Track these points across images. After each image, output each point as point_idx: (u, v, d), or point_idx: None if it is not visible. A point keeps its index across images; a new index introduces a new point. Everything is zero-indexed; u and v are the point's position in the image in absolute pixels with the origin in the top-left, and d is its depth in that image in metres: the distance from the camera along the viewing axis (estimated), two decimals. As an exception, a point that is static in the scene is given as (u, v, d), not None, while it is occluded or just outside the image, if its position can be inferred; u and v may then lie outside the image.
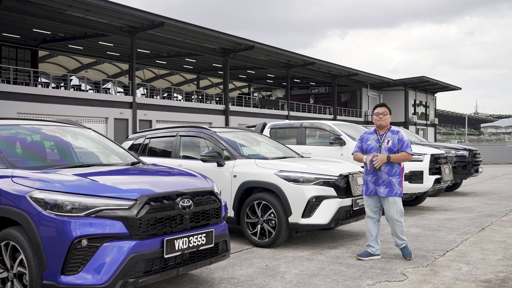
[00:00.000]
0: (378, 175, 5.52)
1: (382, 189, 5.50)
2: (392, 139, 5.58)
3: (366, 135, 5.82)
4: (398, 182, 5.50)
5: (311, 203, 6.14)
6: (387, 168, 5.49)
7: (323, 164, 6.82)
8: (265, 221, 6.39)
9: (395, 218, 5.55)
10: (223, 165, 6.84)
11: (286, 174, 6.30)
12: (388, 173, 5.49)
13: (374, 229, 5.66)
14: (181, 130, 7.76)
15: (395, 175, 5.50)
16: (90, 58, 42.69)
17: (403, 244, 5.65)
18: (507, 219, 8.38)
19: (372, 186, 5.58)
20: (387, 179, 5.48)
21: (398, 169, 5.54)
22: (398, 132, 5.65)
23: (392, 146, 5.54)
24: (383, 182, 5.49)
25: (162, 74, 53.11)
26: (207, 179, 4.57)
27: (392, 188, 5.48)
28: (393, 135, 5.62)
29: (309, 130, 10.46)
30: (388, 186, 5.48)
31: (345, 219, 6.37)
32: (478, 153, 12.77)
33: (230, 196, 6.70)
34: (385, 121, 5.65)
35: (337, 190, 6.25)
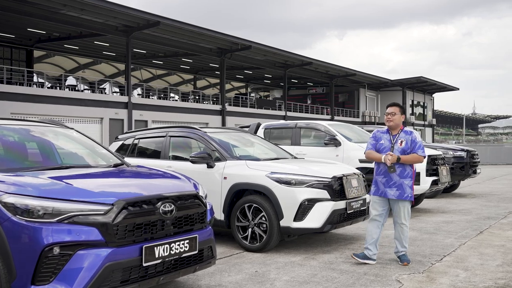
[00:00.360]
0: (390, 177, 5.33)
1: (392, 191, 5.32)
2: (406, 140, 5.38)
3: (379, 133, 5.59)
4: (410, 185, 5.34)
5: (303, 206, 5.91)
6: (399, 169, 5.31)
7: (316, 166, 6.60)
8: (256, 225, 6.17)
9: (402, 222, 5.39)
10: (213, 167, 6.62)
11: (277, 176, 6.08)
12: (400, 175, 5.30)
13: (376, 232, 5.48)
14: (171, 131, 7.54)
15: (407, 177, 5.32)
16: (87, 58, 42.51)
17: (404, 252, 5.47)
18: (506, 222, 8.17)
19: (382, 187, 5.40)
20: (399, 181, 5.30)
21: (410, 171, 5.36)
22: (411, 133, 5.46)
23: (405, 147, 5.35)
24: (394, 184, 5.31)
25: (159, 74, 52.92)
26: (191, 182, 4.35)
27: (404, 191, 5.30)
28: (406, 136, 5.42)
29: (304, 130, 10.24)
30: (399, 188, 5.30)
31: (339, 222, 6.14)
32: (476, 154, 12.57)
33: (220, 199, 6.48)
34: (394, 122, 5.44)
35: (331, 193, 6.03)
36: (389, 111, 5.49)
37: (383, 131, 5.63)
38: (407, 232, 5.46)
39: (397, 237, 5.50)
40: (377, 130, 5.74)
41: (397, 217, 5.43)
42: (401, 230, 5.43)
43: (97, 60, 43.48)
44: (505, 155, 31.28)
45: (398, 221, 5.44)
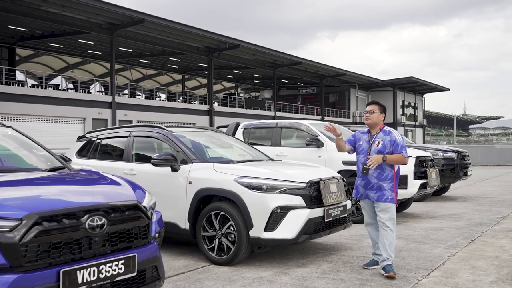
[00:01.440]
0: (368, 179, 5.11)
1: (372, 194, 5.09)
2: (383, 140, 5.07)
3: (359, 134, 5.34)
4: (390, 187, 5.02)
5: (275, 214, 5.28)
6: (377, 172, 5.04)
7: (291, 169, 5.98)
8: (224, 235, 5.53)
9: (385, 224, 5.03)
10: (178, 170, 5.97)
11: (247, 180, 5.44)
12: (377, 178, 5.05)
13: (376, 235, 5.21)
14: (135, 130, 6.88)
15: (386, 179, 5.03)
16: (76, 58, 41.75)
17: (387, 260, 4.97)
18: (499, 229, 7.59)
19: (362, 190, 5.20)
20: (377, 184, 5.05)
21: (390, 173, 5.04)
22: (390, 133, 5.12)
23: (382, 148, 5.05)
24: (372, 187, 5.08)
25: (150, 74, 52.18)
26: (135, 189, 3.69)
27: (383, 193, 5.01)
28: (384, 136, 5.11)
29: (285, 130, 9.62)
30: (378, 191, 5.04)
31: (316, 232, 5.51)
32: (467, 155, 12.01)
33: (185, 205, 5.84)
34: (372, 120, 5.14)
35: (306, 199, 5.40)
36: (367, 109, 5.22)
37: (364, 132, 5.34)
38: (391, 237, 5.02)
39: (380, 240, 5.09)
40: (358, 131, 5.45)
41: (380, 220, 5.08)
42: (385, 234, 5.01)
43: (86, 60, 42.67)
44: (496, 156, 30.86)
45: (380, 224, 5.08)
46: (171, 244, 6.66)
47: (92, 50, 36.40)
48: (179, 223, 5.90)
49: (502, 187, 14.92)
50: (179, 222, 5.90)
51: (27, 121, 25.00)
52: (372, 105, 5.22)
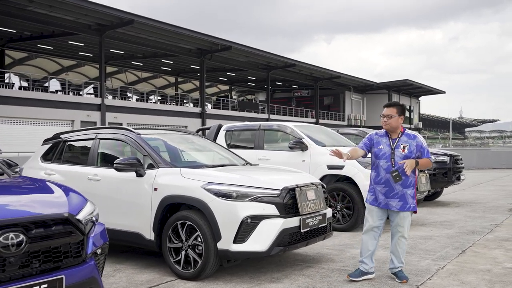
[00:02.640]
0: (391, 186, 4.75)
1: (395, 203, 4.76)
2: (409, 145, 4.77)
3: (377, 137, 4.96)
4: (413, 194, 4.78)
5: (245, 225, 4.81)
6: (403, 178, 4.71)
7: (265, 175, 5.51)
8: (190, 247, 5.05)
9: (402, 235, 4.84)
10: (143, 175, 5.50)
11: (215, 187, 4.97)
12: (402, 185, 4.74)
13: (372, 244, 4.93)
14: (101, 132, 6.39)
15: (410, 186, 4.77)
16: (70, 60, 41.31)
17: (400, 268, 4.90)
18: (492, 238, 7.13)
19: (382, 198, 4.82)
20: (401, 191, 4.74)
21: (413, 179, 4.81)
22: (415, 137, 4.84)
23: (408, 153, 4.74)
24: (396, 195, 4.75)
25: (145, 77, 51.78)
26: (71, 198, 3.22)
27: (406, 202, 4.76)
28: (409, 140, 4.80)
29: (268, 133, 9.14)
30: (401, 199, 4.75)
31: (291, 244, 5.04)
32: (460, 159, 11.56)
33: (150, 214, 5.36)
34: (390, 125, 4.79)
35: (280, 208, 4.94)
36: (385, 113, 4.83)
37: (381, 134, 4.96)
38: (405, 246, 4.92)
39: (393, 251, 4.92)
40: (375, 133, 5.03)
41: (396, 229, 4.85)
42: (399, 244, 4.87)
43: (80, 63, 42.20)
44: (491, 159, 30.42)
45: (398, 234, 4.86)
46: (139, 254, 6.18)
47: (83, 52, 35.94)
48: (144, 233, 5.42)
49: (497, 191, 14.48)
50: (144, 232, 5.42)
51: (13, 124, 24.48)
52: (390, 108, 4.81)
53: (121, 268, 5.60)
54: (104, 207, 5.82)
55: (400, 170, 4.66)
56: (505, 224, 8.39)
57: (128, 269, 5.56)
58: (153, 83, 52.85)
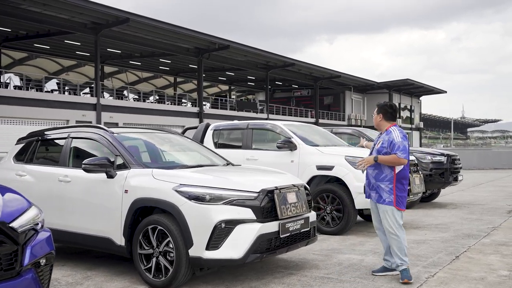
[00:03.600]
0: (369, 179, 5.10)
1: (373, 194, 5.05)
2: (383, 140, 5.03)
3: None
4: (389, 189, 4.88)
5: (219, 230, 4.46)
6: (375, 172, 5.00)
7: (243, 176, 5.18)
8: (162, 253, 4.71)
9: (387, 230, 4.93)
10: (114, 177, 5.16)
11: (187, 189, 4.63)
12: (375, 178, 4.99)
13: (385, 239, 5.08)
14: (74, 131, 6.05)
15: (384, 180, 4.91)
16: (71, 60, 41.03)
17: (403, 265, 4.82)
18: (488, 242, 6.76)
19: (368, 190, 5.15)
20: (375, 184, 4.99)
21: (389, 174, 4.91)
22: (390, 133, 5.03)
23: (380, 148, 5.01)
24: (372, 187, 5.05)
25: (145, 77, 51.49)
26: (8, 203, 2.87)
27: (381, 195, 4.93)
28: (386, 136, 5.05)
29: (257, 132, 8.79)
30: (377, 191, 4.98)
31: (269, 250, 4.69)
32: (458, 159, 11.19)
33: (121, 218, 5.02)
34: (374, 123, 5.20)
35: (257, 211, 4.59)
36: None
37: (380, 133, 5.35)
38: (399, 242, 4.87)
39: (390, 246, 4.98)
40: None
41: (383, 223, 4.99)
42: (390, 240, 4.92)
43: (80, 63, 41.91)
44: (493, 160, 30.01)
45: (385, 229, 4.98)
46: (115, 260, 5.84)
47: (80, 51, 35.63)
48: (114, 238, 5.08)
49: (497, 192, 14.11)
50: (114, 237, 5.08)
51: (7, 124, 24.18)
52: (375, 109, 5.23)
53: (92, 275, 5.26)
54: (74, 211, 5.51)
55: None
56: (502, 227, 8.02)
57: (99, 276, 5.22)
58: (154, 83, 52.57)
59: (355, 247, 6.51)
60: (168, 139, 6.42)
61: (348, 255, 6.02)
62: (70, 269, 5.53)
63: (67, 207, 5.54)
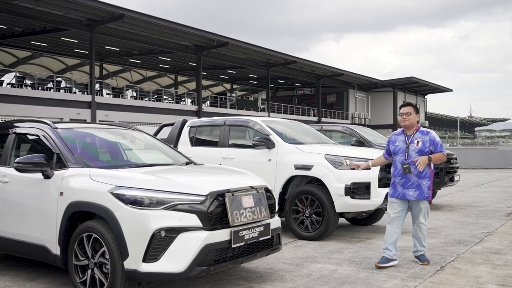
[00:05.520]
0: (407, 178, 5.25)
1: (411, 192, 5.24)
2: (422, 140, 5.27)
3: (394, 136, 5.56)
4: (428, 185, 5.25)
5: (157, 239, 3.88)
6: (417, 170, 5.19)
7: (192, 176, 4.58)
8: (97, 265, 4.13)
9: (421, 222, 5.35)
10: (51, 177, 4.58)
11: (124, 192, 4.04)
12: (418, 176, 5.23)
13: (396, 232, 5.32)
14: (17, 126, 5.48)
15: (425, 177, 5.23)
16: (75, 59, 40.74)
17: (422, 251, 5.43)
18: (480, 250, 6.12)
19: (400, 189, 5.30)
20: (417, 182, 5.23)
21: (428, 171, 5.26)
22: (428, 133, 5.35)
23: (422, 147, 5.24)
24: (412, 185, 5.24)
25: (150, 76, 51.08)
26: None
27: (422, 191, 5.23)
28: (423, 136, 5.31)
29: (234, 128, 8.18)
30: (417, 189, 5.23)
31: (218, 262, 4.08)
32: (455, 158, 10.53)
33: (56, 225, 4.44)
34: (409, 121, 5.36)
35: (203, 218, 4.00)
36: (403, 111, 5.42)
37: (398, 133, 5.52)
38: (425, 231, 5.42)
39: (415, 235, 5.42)
40: (393, 134, 5.63)
41: (416, 217, 5.37)
42: (419, 229, 5.39)
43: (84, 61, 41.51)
44: (498, 159, 29.19)
45: (417, 221, 5.37)
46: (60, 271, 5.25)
47: (78, 49, 35.17)
48: (50, 247, 4.51)
49: (498, 193, 13.41)
50: (50, 245, 4.51)
51: (0, 122, 23.75)
52: (408, 107, 5.40)
53: (30, 287, 4.69)
54: (10, 215, 4.94)
55: (411, 164, 5.17)
56: (498, 232, 7.37)
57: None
58: (159, 82, 52.13)
59: (332, 255, 5.90)
60: (124, 135, 5.83)
61: (321, 265, 5.41)
62: (10, 280, 4.96)
63: (4, 210, 4.97)
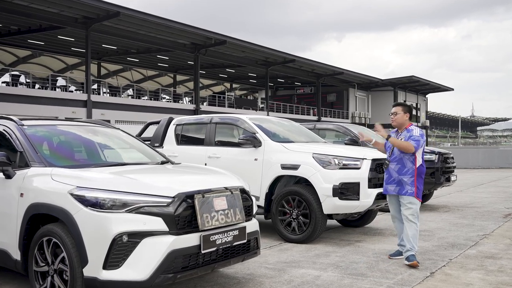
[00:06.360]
0: (389, 174, 5.41)
1: (392, 187, 5.39)
2: (405, 137, 5.38)
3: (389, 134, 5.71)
4: (411, 181, 5.27)
5: (119, 245, 3.58)
6: (398, 166, 5.35)
7: (160, 176, 4.28)
8: (57, 272, 3.84)
9: (407, 218, 5.29)
10: (12, 177, 4.29)
11: (84, 193, 3.74)
12: (398, 172, 5.33)
13: (401, 228, 5.43)
14: (-17, 123, 5.18)
15: (406, 174, 5.29)
16: (75, 58, 40.49)
17: (411, 251, 5.21)
18: (474, 254, 5.81)
19: (384, 185, 5.52)
20: (397, 178, 5.34)
21: (410, 168, 5.30)
22: (411, 130, 5.43)
23: None
24: (393, 181, 5.38)
25: (150, 75, 50.79)
26: None
27: (403, 187, 5.30)
28: (407, 133, 5.41)
29: (220, 126, 7.88)
30: (398, 184, 5.34)
31: (187, 269, 3.77)
32: (451, 157, 10.21)
33: (16, 228, 4.15)
34: (396, 121, 5.51)
35: (170, 221, 3.70)
36: (392, 111, 5.55)
37: (393, 131, 5.66)
38: (414, 229, 5.27)
39: (404, 232, 5.35)
40: (391, 132, 5.72)
41: (403, 213, 5.34)
42: (408, 227, 5.27)
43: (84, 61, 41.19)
44: (499, 158, 28.85)
45: (403, 216, 5.34)
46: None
47: (75, 47, 34.91)
48: (11, 251, 4.22)
49: (497, 193, 13.09)
50: (11, 250, 4.22)
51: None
52: (396, 107, 5.54)
53: (-8, 294, 4.41)
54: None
55: (392, 160, 5.38)
56: (495, 234, 7.06)
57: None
58: (159, 81, 51.82)
59: (317, 259, 5.59)
60: (97, 132, 5.52)
61: (304, 270, 5.11)
62: (-26, 286, 4.67)
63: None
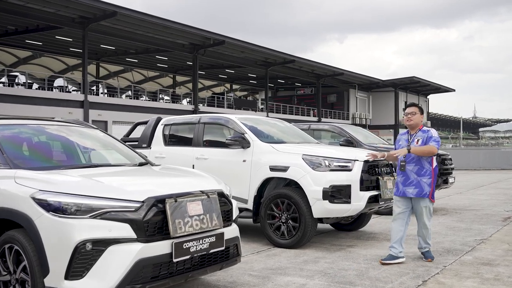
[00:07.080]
0: (407, 175, 5.34)
1: (411, 190, 5.33)
2: (422, 138, 5.36)
3: (400, 136, 5.74)
4: (429, 183, 5.30)
5: (82, 253, 3.32)
6: (416, 168, 5.31)
7: (131, 179, 4.01)
8: (18, 281, 3.58)
9: (423, 221, 5.38)
10: (-27, 181, 4.03)
11: (46, 197, 3.48)
12: (417, 173, 5.31)
13: (400, 230, 5.41)
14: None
15: (425, 175, 5.29)
16: (75, 59, 40.27)
17: (427, 248, 5.49)
18: (470, 260, 5.53)
19: (401, 187, 5.41)
20: (416, 179, 5.30)
21: (428, 169, 5.31)
22: (428, 131, 5.44)
23: (421, 145, 5.32)
24: (411, 183, 5.32)
25: (151, 76, 50.64)
26: None
27: (422, 189, 5.28)
28: (423, 134, 5.40)
29: (209, 127, 7.62)
30: (417, 186, 5.30)
31: (156, 279, 3.51)
32: (449, 159, 9.94)
33: (-23, 234, 3.88)
34: (414, 121, 5.47)
35: (138, 228, 3.44)
36: (408, 111, 5.52)
37: (403, 133, 5.68)
38: (429, 230, 5.45)
39: (419, 234, 5.50)
40: (399, 134, 5.78)
41: (419, 216, 5.39)
42: (423, 228, 5.42)
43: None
44: (500, 160, 28.52)
45: (420, 220, 5.40)
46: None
47: (73, 47, 34.71)
48: (-26, 259, 3.95)
49: (497, 195, 12.81)
50: (-26, 257, 3.95)
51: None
52: (412, 107, 5.52)
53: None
54: None
55: (408, 161, 5.32)
56: (493, 239, 6.78)
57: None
58: (160, 82, 51.63)
59: (305, 266, 5.33)
60: (72, 132, 5.25)
61: (290, 278, 4.84)
62: None
63: None
